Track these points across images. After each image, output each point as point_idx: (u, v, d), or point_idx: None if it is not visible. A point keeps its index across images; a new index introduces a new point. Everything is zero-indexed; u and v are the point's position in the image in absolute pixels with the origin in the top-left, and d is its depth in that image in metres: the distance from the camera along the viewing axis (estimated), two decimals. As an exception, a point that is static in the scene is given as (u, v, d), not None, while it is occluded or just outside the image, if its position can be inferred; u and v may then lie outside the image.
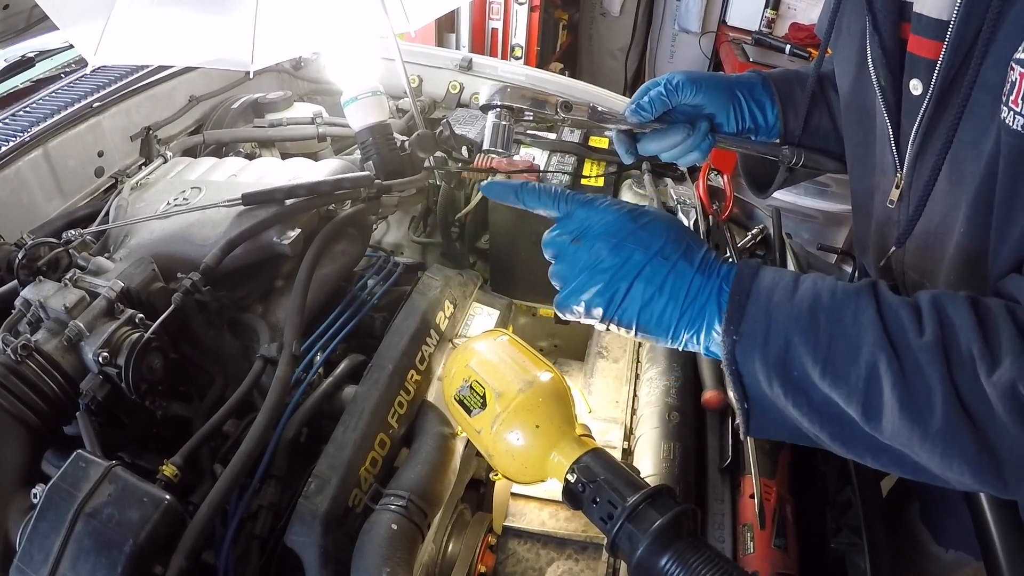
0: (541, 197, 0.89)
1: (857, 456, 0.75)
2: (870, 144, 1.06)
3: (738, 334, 0.73)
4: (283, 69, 2.43)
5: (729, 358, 0.74)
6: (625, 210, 0.83)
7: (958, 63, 0.82)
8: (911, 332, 0.68)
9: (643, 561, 0.85)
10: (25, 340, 1.12)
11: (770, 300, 0.74)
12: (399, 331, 1.25)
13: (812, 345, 0.70)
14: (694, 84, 1.17)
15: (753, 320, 0.73)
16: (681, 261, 0.79)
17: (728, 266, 0.79)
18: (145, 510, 0.93)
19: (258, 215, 1.33)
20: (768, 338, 0.72)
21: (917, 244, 0.99)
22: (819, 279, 0.75)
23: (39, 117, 1.80)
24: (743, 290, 0.75)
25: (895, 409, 0.67)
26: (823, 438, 0.74)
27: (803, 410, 0.72)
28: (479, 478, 1.42)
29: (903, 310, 0.70)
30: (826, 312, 0.71)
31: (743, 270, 0.77)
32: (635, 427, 1.27)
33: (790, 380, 0.72)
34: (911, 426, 0.66)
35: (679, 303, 0.78)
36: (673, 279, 0.78)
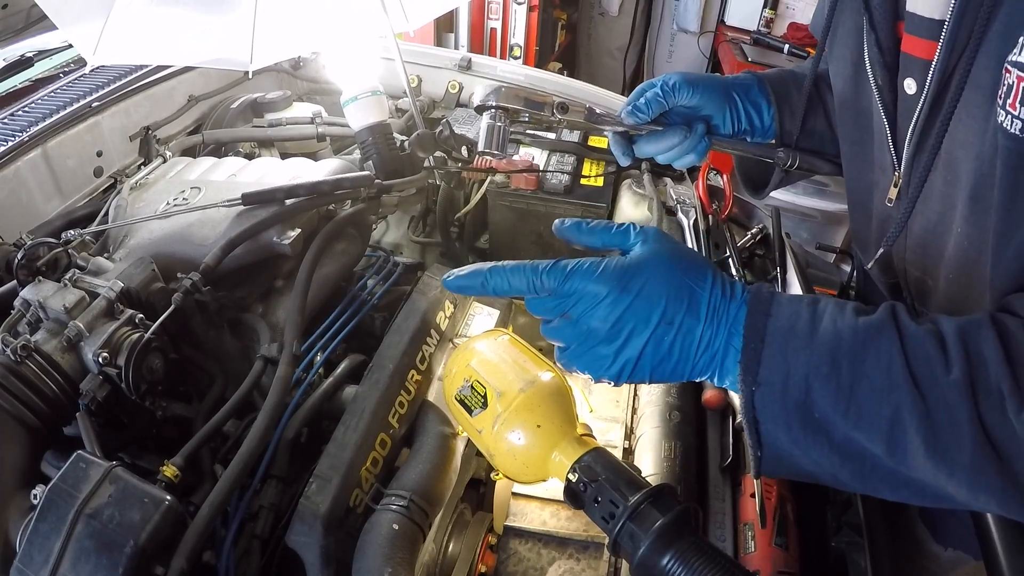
0: (512, 281, 0.79)
1: (874, 491, 0.73)
2: (866, 142, 1.06)
3: (756, 383, 0.70)
4: (282, 69, 2.43)
5: (747, 406, 0.71)
6: (613, 281, 0.74)
7: (953, 63, 0.82)
8: (937, 369, 0.66)
9: (645, 560, 0.84)
10: (25, 340, 1.12)
11: (787, 345, 0.70)
12: (400, 331, 1.25)
13: (834, 388, 0.68)
14: (691, 85, 1.16)
15: (771, 367, 0.70)
16: (687, 319, 0.74)
17: (738, 305, 0.74)
18: (146, 511, 0.93)
19: (258, 215, 1.33)
20: (788, 385, 0.69)
21: (917, 242, 0.99)
22: (838, 314, 0.71)
23: (38, 117, 1.80)
24: (758, 335, 0.71)
25: (920, 448, 0.65)
26: (842, 476, 0.72)
27: (823, 451, 0.70)
28: (479, 478, 1.42)
29: (928, 343, 0.68)
30: (848, 354, 0.69)
31: (755, 310, 0.73)
32: (636, 426, 1.27)
33: (811, 423, 0.69)
34: (938, 464, 0.65)
35: (690, 359, 0.75)
36: (680, 341, 0.74)
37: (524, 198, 1.82)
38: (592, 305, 0.75)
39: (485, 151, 1.12)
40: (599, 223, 0.82)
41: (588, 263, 0.76)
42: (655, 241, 0.78)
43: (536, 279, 0.77)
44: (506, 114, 1.11)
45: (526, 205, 1.83)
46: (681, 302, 0.74)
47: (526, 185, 1.80)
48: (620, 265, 0.75)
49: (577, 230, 0.83)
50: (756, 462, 0.74)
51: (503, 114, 1.11)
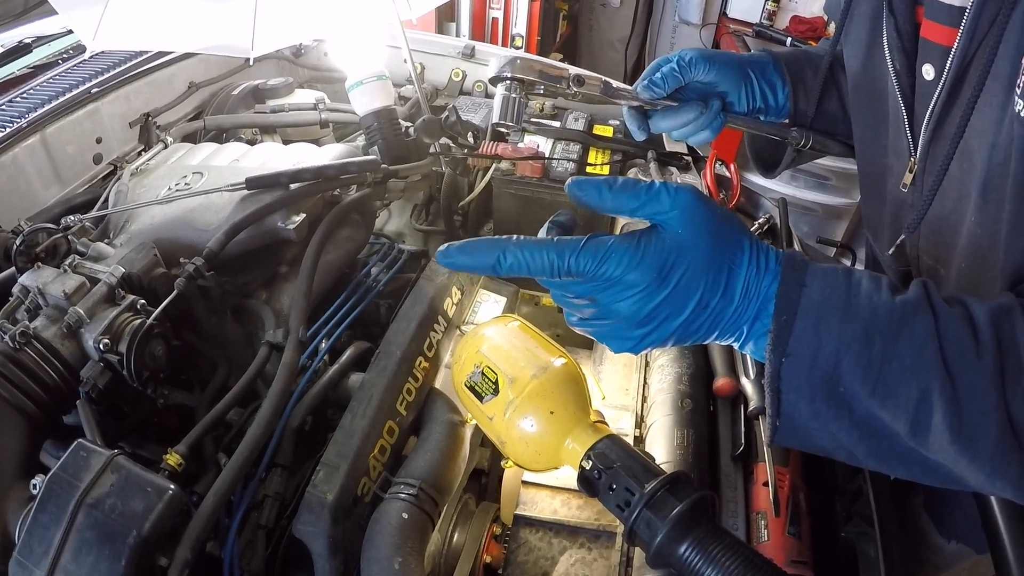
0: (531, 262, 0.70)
1: (887, 468, 0.71)
2: (880, 126, 1.06)
3: (786, 355, 0.67)
4: (283, 56, 2.40)
5: (773, 377, 0.68)
6: (653, 272, 0.68)
7: (972, 51, 0.82)
8: (969, 354, 0.65)
9: (662, 549, 0.83)
10: (24, 327, 1.10)
11: (820, 318, 0.67)
12: (407, 317, 1.23)
13: (864, 365, 0.66)
14: (707, 61, 1.15)
15: (801, 339, 0.67)
16: (721, 302, 0.69)
17: (771, 277, 0.69)
18: (149, 500, 0.91)
19: (262, 199, 1.31)
20: (817, 357, 0.67)
21: (931, 229, 0.98)
22: (874, 290, 0.69)
23: (37, 103, 1.78)
24: (791, 306, 0.68)
25: (946, 432, 0.64)
26: (857, 452, 0.70)
27: (843, 423, 0.68)
28: (480, 468, 1.40)
29: (961, 327, 0.66)
30: (881, 332, 0.66)
31: (788, 280, 0.69)
32: (646, 414, 1.25)
33: (834, 395, 0.67)
34: (961, 449, 0.64)
35: (715, 332, 0.72)
36: (711, 321, 0.70)
37: (530, 185, 1.80)
38: (625, 295, 0.69)
39: (500, 123, 1.09)
40: (625, 183, 0.71)
41: (625, 246, 0.68)
42: (695, 211, 0.69)
43: (562, 263, 0.69)
44: (521, 86, 1.09)
45: (531, 192, 1.81)
46: (718, 286, 0.69)
47: (532, 172, 1.78)
48: (661, 250, 0.68)
49: (598, 194, 0.71)
50: (772, 430, 0.71)
51: (518, 86, 1.09)
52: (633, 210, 0.70)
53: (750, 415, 1.18)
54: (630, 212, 0.71)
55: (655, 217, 0.70)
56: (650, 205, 0.70)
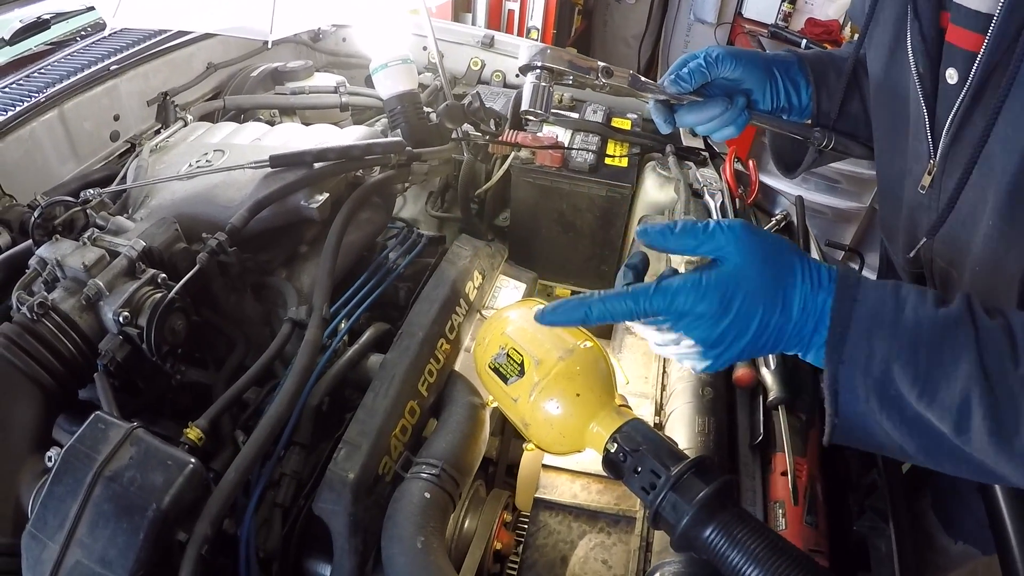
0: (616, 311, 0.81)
1: (937, 465, 0.77)
2: (901, 129, 1.07)
3: (840, 361, 0.74)
4: (301, 40, 2.40)
5: (831, 379, 0.75)
6: (716, 299, 0.77)
7: (997, 57, 0.83)
8: (1007, 362, 0.70)
9: (688, 531, 0.83)
10: (42, 298, 1.09)
11: (871, 330, 0.74)
12: (429, 299, 1.22)
13: (912, 373, 0.72)
14: (733, 58, 1.17)
15: (855, 348, 0.74)
16: (780, 319, 0.77)
17: (825, 294, 0.77)
18: (169, 474, 0.90)
19: (286, 178, 1.30)
20: (869, 365, 0.73)
21: (946, 233, 1.00)
22: (919, 303, 0.74)
23: (55, 78, 1.77)
24: (844, 320, 0.75)
25: (984, 433, 0.69)
26: (908, 448, 0.76)
27: (895, 423, 0.74)
28: (489, 457, 1.40)
29: (1000, 338, 0.71)
30: (927, 342, 0.72)
31: (842, 296, 0.76)
32: (666, 402, 1.25)
33: (887, 398, 0.73)
34: (998, 448, 0.69)
35: (779, 346, 0.79)
36: (774, 337, 0.78)
37: (548, 175, 1.79)
38: (695, 325, 0.78)
39: (529, 110, 1.10)
40: (685, 226, 0.81)
41: (690, 283, 0.77)
42: (746, 245, 0.78)
43: (638, 308, 0.79)
44: (551, 75, 1.09)
45: (550, 182, 1.80)
46: (775, 307, 0.77)
47: (551, 162, 1.77)
48: (720, 281, 0.77)
49: (663, 238, 0.82)
50: (831, 428, 0.77)
51: (548, 75, 1.09)
52: (694, 248, 0.81)
53: (769, 405, 1.18)
54: (691, 251, 0.81)
55: (713, 252, 0.79)
56: (707, 243, 0.79)
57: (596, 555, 1.05)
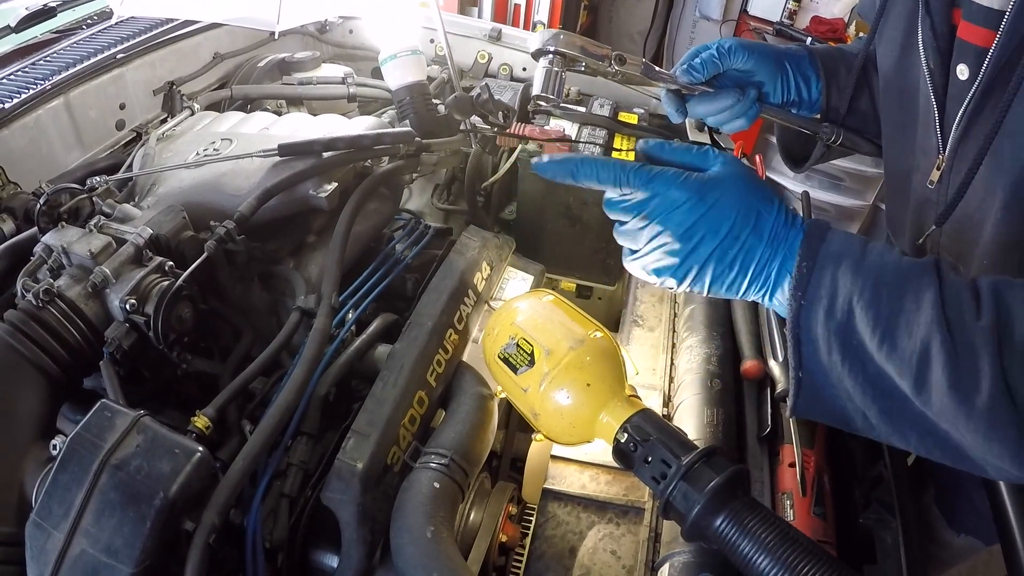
0: (601, 173, 0.85)
1: (901, 437, 0.76)
2: (910, 124, 1.08)
3: (805, 299, 0.75)
4: (308, 32, 2.39)
5: (793, 321, 0.76)
6: (693, 189, 0.80)
7: (1008, 53, 0.85)
8: (968, 314, 0.70)
9: (698, 521, 0.83)
10: (48, 284, 1.09)
11: (836, 268, 0.75)
12: (438, 289, 1.22)
13: (873, 316, 0.72)
14: (746, 50, 1.18)
15: (818, 286, 0.75)
16: (751, 237, 0.79)
17: (797, 232, 0.79)
18: (177, 462, 0.88)
19: (295, 166, 1.29)
20: (832, 304, 0.74)
21: (953, 227, 1.01)
22: (886, 250, 0.76)
23: (61, 66, 1.76)
24: (811, 255, 0.76)
25: (943, 385, 0.68)
26: (871, 414, 0.75)
27: (857, 379, 0.74)
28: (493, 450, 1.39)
29: (963, 292, 0.71)
30: (889, 286, 0.73)
31: (812, 234, 0.77)
32: (674, 394, 1.25)
33: (849, 348, 0.73)
34: (957, 404, 0.68)
35: (748, 273, 0.80)
36: (743, 256, 0.80)
37: (556, 168, 1.78)
38: (670, 209, 0.80)
39: (541, 95, 1.10)
40: (682, 144, 0.87)
41: (672, 171, 0.81)
42: (732, 164, 0.83)
43: (624, 176, 0.83)
44: (564, 60, 1.09)
45: (557, 175, 1.80)
46: (748, 220, 0.79)
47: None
48: (700, 178, 0.81)
49: (660, 149, 0.88)
50: (795, 389, 0.78)
51: (561, 60, 1.09)
52: (687, 161, 0.85)
53: (777, 397, 1.19)
54: (680, 160, 0.85)
55: (702, 165, 0.84)
56: (699, 158, 0.85)
57: (605, 546, 1.05)
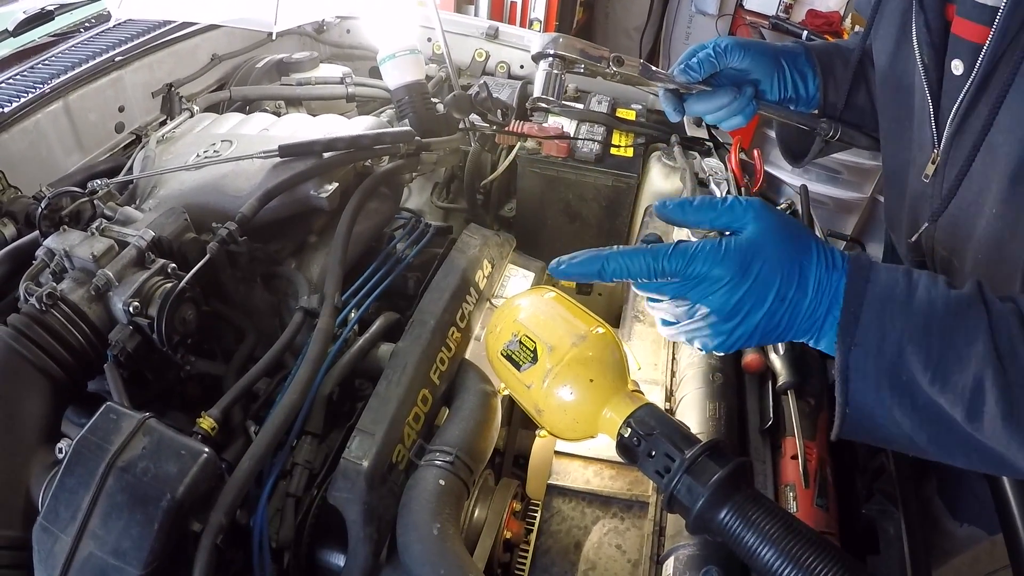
0: (631, 267, 0.79)
1: (948, 456, 0.76)
2: (906, 119, 1.09)
3: (853, 343, 0.74)
4: (305, 32, 2.39)
5: (843, 364, 0.75)
6: (736, 265, 0.76)
7: (1003, 49, 0.85)
8: (1019, 345, 0.70)
9: (703, 514, 0.83)
10: (51, 288, 1.09)
11: (884, 310, 0.74)
12: (440, 287, 1.22)
13: (924, 355, 0.72)
14: (742, 48, 1.19)
15: (867, 329, 0.74)
16: (796, 295, 0.77)
17: (839, 275, 0.77)
18: (183, 463, 0.89)
19: (295, 167, 1.30)
20: (882, 347, 0.73)
21: (948, 221, 1.01)
22: (931, 284, 0.75)
23: (59, 69, 1.76)
24: (857, 299, 0.75)
25: (998, 417, 0.69)
26: (919, 439, 0.75)
27: (906, 411, 0.74)
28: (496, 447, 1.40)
29: (1012, 320, 0.72)
30: (939, 324, 0.72)
31: (855, 274, 0.76)
32: (676, 389, 1.25)
33: (898, 384, 0.73)
34: (1011, 433, 0.69)
35: (794, 327, 0.78)
36: (790, 314, 0.77)
37: (555, 165, 1.79)
38: (713, 290, 0.77)
39: (541, 97, 1.11)
40: (703, 200, 0.81)
41: (709, 247, 0.77)
42: (765, 218, 0.78)
43: (657, 265, 0.78)
44: (563, 63, 1.10)
45: (556, 172, 1.81)
46: (792, 280, 0.76)
47: (557, 152, 1.78)
48: (739, 247, 0.77)
49: (682, 211, 0.82)
50: (840, 419, 0.77)
51: (560, 63, 1.10)
52: (712, 220, 0.80)
53: (778, 390, 1.19)
54: (710, 223, 0.81)
55: (732, 224, 0.79)
56: (726, 215, 0.79)
57: (610, 540, 1.06)
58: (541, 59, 1.12)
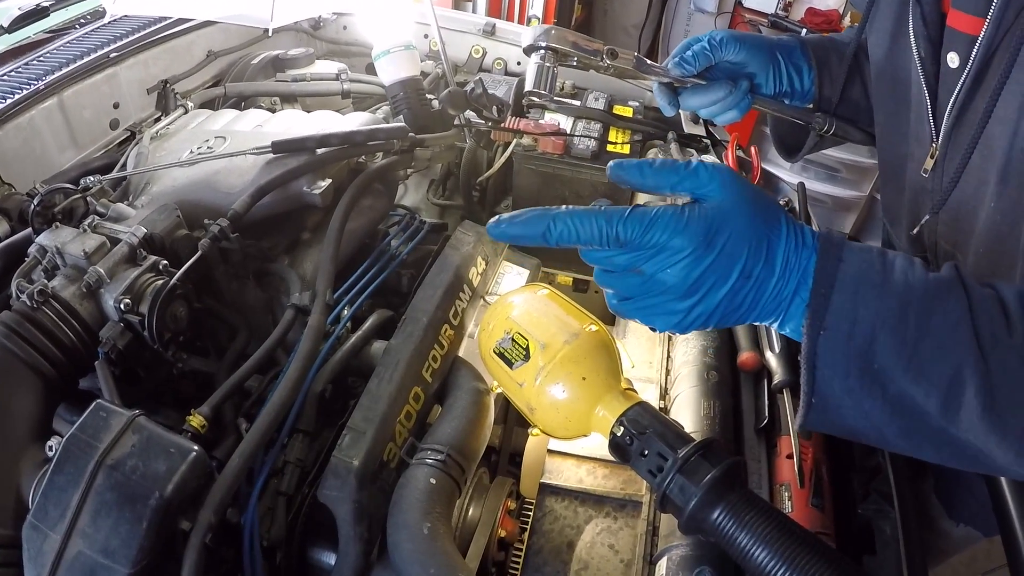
0: (580, 230, 0.71)
1: (917, 450, 0.72)
2: (903, 113, 1.08)
3: (824, 327, 0.68)
4: (301, 28, 2.38)
5: (810, 350, 0.69)
6: (699, 234, 0.69)
7: (998, 40, 0.84)
8: (1000, 331, 0.66)
9: (696, 514, 0.82)
10: (42, 285, 1.08)
11: (857, 291, 0.68)
12: (433, 284, 1.22)
13: (899, 341, 0.67)
14: (737, 42, 1.18)
15: (839, 313, 0.68)
16: (763, 272, 0.70)
17: (809, 253, 0.70)
18: (172, 461, 0.88)
19: (288, 163, 1.29)
20: (853, 331, 0.68)
21: (949, 215, 1.01)
22: (908, 267, 0.69)
23: (54, 66, 1.76)
24: (828, 280, 0.69)
25: (977, 409, 0.65)
26: (888, 432, 0.70)
27: (876, 402, 0.68)
28: (491, 445, 1.40)
29: (992, 307, 0.68)
30: (916, 308, 0.67)
31: (826, 253, 0.70)
32: (671, 387, 1.25)
33: (868, 372, 0.68)
34: (990, 426, 0.65)
35: (757, 308, 0.72)
36: (754, 293, 0.71)
37: (551, 162, 1.78)
38: (672, 262, 0.69)
39: (533, 90, 1.10)
40: (665, 162, 0.73)
41: (671, 212, 0.69)
42: (732, 184, 0.71)
43: (611, 230, 0.70)
44: (556, 56, 1.09)
45: (552, 169, 1.80)
46: (760, 255, 0.70)
47: (553, 149, 1.77)
48: (703, 216, 0.69)
49: (639, 172, 0.73)
50: (805, 409, 0.71)
51: (553, 55, 1.09)
52: (673, 185, 0.72)
53: (774, 389, 1.18)
54: (671, 188, 0.73)
55: (696, 191, 0.72)
56: (690, 180, 0.71)
57: (603, 540, 1.05)
58: (533, 51, 1.11)
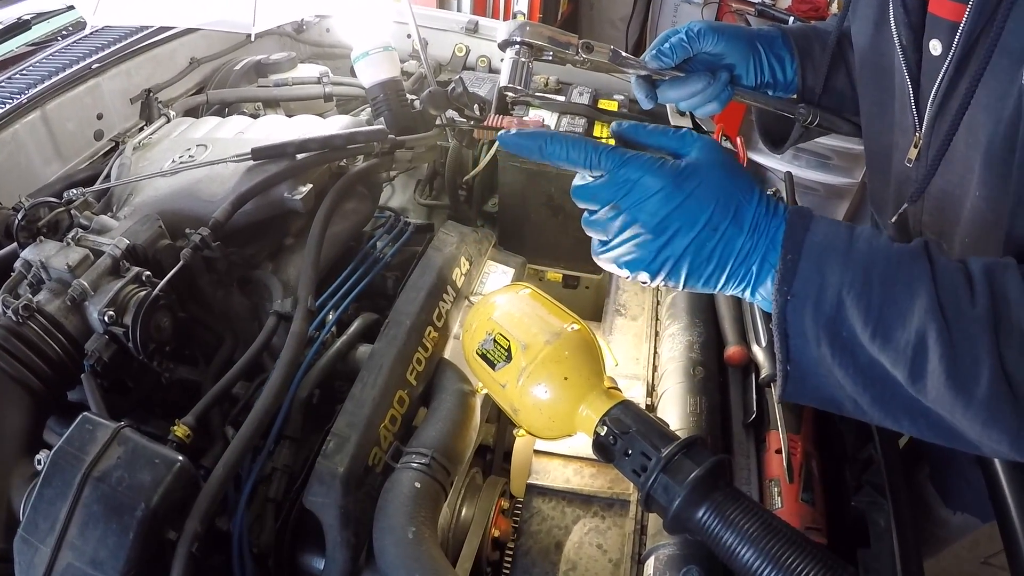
0: (570, 151, 0.79)
1: (893, 421, 0.74)
2: (887, 102, 1.07)
3: (791, 293, 0.71)
4: (284, 32, 2.37)
5: (780, 316, 0.72)
6: (669, 176, 0.75)
7: (980, 26, 0.83)
8: (963, 301, 0.67)
9: (680, 513, 0.82)
10: (27, 300, 1.09)
11: (823, 258, 0.71)
12: (416, 286, 1.22)
13: (864, 307, 0.69)
14: (716, 32, 1.16)
15: (805, 279, 0.71)
16: (731, 228, 0.75)
17: (779, 222, 0.75)
18: (157, 472, 0.89)
19: (268, 170, 1.29)
20: (820, 297, 0.70)
21: (934, 204, 1.00)
22: (873, 236, 0.73)
23: (36, 79, 1.75)
24: (796, 246, 0.72)
25: (941, 376, 0.66)
26: (863, 401, 0.73)
27: (848, 371, 0.71)
28: (486, 444, 1.39)
29: (956, 277, 0.69)
30: (880, 274, 0.70)
31: (795, 223, 0.74)
32: (657, 383, 1.24)
33: (838, 340, 0.70)
34: (955, 394, 0.66)
35: (727, 267, 0.76)
36: (722, 248, 0.75)
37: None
38: (644, 197, 0.75)
39: (508, 86, 1.09)
40: (658, 126, 0.82)
41: (647, 157, 0.76)
42: (711, 150, 0.78)
43: (595, 156, 0.78)
44: (530, 51, 1.08)
45: (537, 166, 1.78)
46: (728, 210, 0.74)
47: (538, 146, 1.76)
48: (677, 164, 0.76)
49: (635, 132, 0.83)
50: (783, 380, 0.75)
51: (527, 50, 1.08)
52: (662, 143, 0.81)
53: (761, 383, 1.18)
54: (659, 145, 0.81)
55: (679, 150, 0.79)
56: (676, 141, 0.80)
57: (591, 539, 1.05)
58: (508, 47, 1.10)
